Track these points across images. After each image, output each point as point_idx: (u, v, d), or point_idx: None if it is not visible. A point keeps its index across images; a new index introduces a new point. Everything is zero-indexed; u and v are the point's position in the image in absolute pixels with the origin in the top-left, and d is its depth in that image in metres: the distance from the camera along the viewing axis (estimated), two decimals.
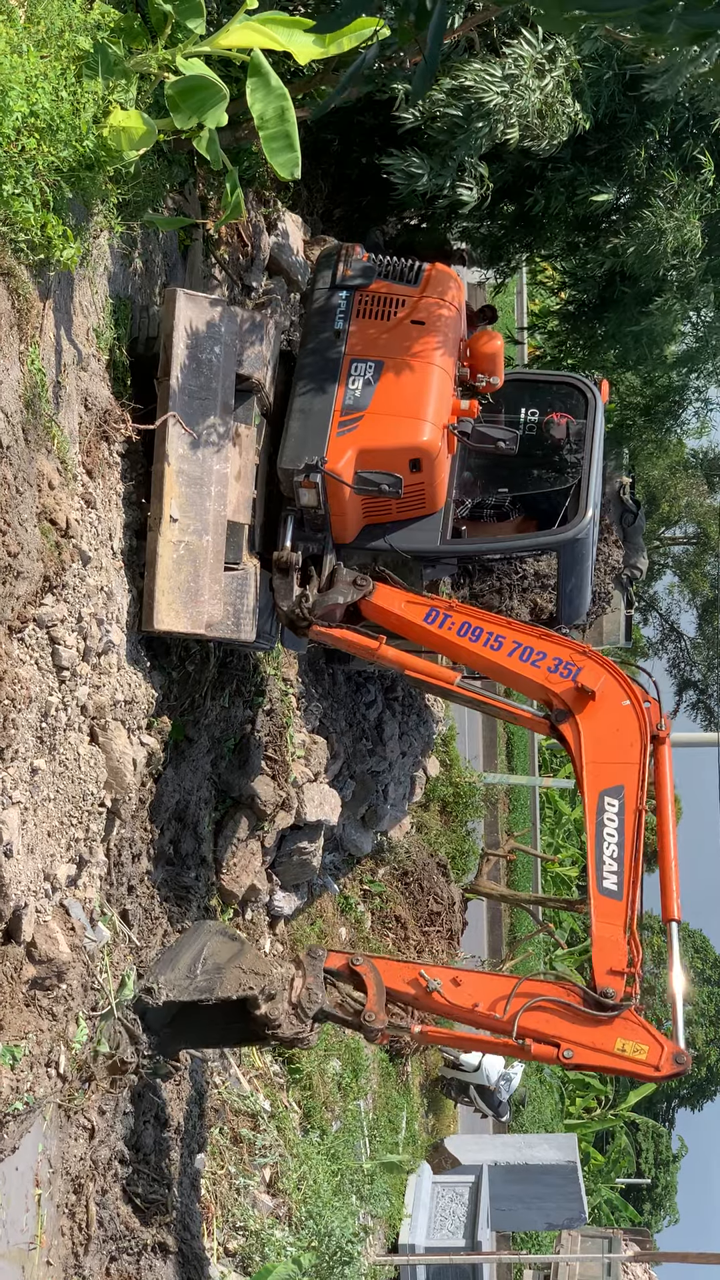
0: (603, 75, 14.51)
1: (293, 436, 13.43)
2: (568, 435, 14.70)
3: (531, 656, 13.19)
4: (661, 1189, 63.35)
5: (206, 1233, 14.31)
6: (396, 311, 13.74)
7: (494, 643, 13.37)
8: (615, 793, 12.45)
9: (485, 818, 33.03)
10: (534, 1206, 25.97)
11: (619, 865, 12.19)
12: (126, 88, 10.11)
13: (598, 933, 12.01)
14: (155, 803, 13.43)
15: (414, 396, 13.52)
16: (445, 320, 13.78)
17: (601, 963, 11.89)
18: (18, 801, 10.04)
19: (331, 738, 19.25)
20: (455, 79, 13.46)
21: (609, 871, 12.19)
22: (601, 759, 12.67)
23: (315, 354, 13.74)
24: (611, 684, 12.87)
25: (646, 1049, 11.67)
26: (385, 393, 13.52)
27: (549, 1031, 11.76)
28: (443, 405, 13.63)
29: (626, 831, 12.27)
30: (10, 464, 9.49)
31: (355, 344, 13.66)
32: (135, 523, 12.36)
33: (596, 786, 12.51)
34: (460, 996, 12.18)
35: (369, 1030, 12.24)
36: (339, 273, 13.86)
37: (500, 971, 25.36)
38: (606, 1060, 11.75)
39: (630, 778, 12.46)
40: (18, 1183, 10.71)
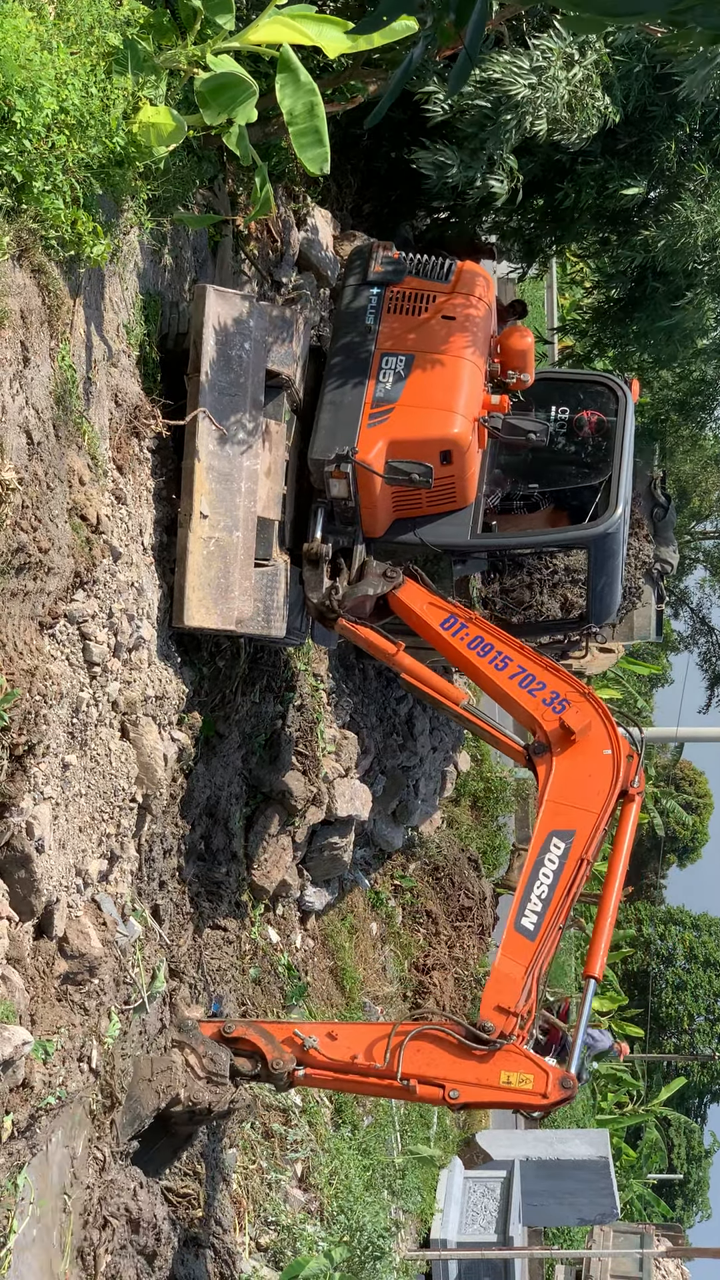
0: (632, 68, 14.46)
1: (323, 428, 13.48)
2: (598, 432, 14.72)
3: (531, 685, 13.10)
4: (694, 1184, 63.16)
5: (238, 1227, 14.33)
6: (427, 308, 13.77)
7: (500, 662, 13.32)
8: (565, 836, 12.15)
9: (516, 812, 32.95)
10: (566, 1202, 25.91)
11: (542, 907, 11.88)
12: (156, 84, 10.12)
13: (497, 966, 11.73)
14: (186, 798, 13.45)
15: (445, 390, 13.55)
16: (476, 316, 13.80)
17: (491, 997, 11.60)
18: (49, 797, 10.07)
19: (362, 733, 19.25)
20: (484, 72, 13.44)
21: (531, 910, 11.91)
22: (564, 800, 12.45)
23: (346, 349, 13.76)
24: (598, 730, 12.68)
25: (532, 1078, 11.28)
26: (416, 386, 13.56)
27: (432, 1073, 11.41)
28: (473, 399, 13.64)
29: (563, 877, 11.97)
30: (41, 460, 9.51)
31: (386, 339, 13.71)
32: (166, 518, 12.37)
33: (549, 825, 12.26)
34: (338, 1050, 11.71)
35: (281, 1075, 11.76)
36: (370, 269, 13.90)
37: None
38: (492, 1095, 11.41)
39: (585, 825, 12.20)
40: (52, 1177, 10.75)
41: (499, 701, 13.61)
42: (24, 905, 9.92)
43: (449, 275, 13.95)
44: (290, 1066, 11.67)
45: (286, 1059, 11.69)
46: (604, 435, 14.90)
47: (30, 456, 9.40)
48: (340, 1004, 18.68)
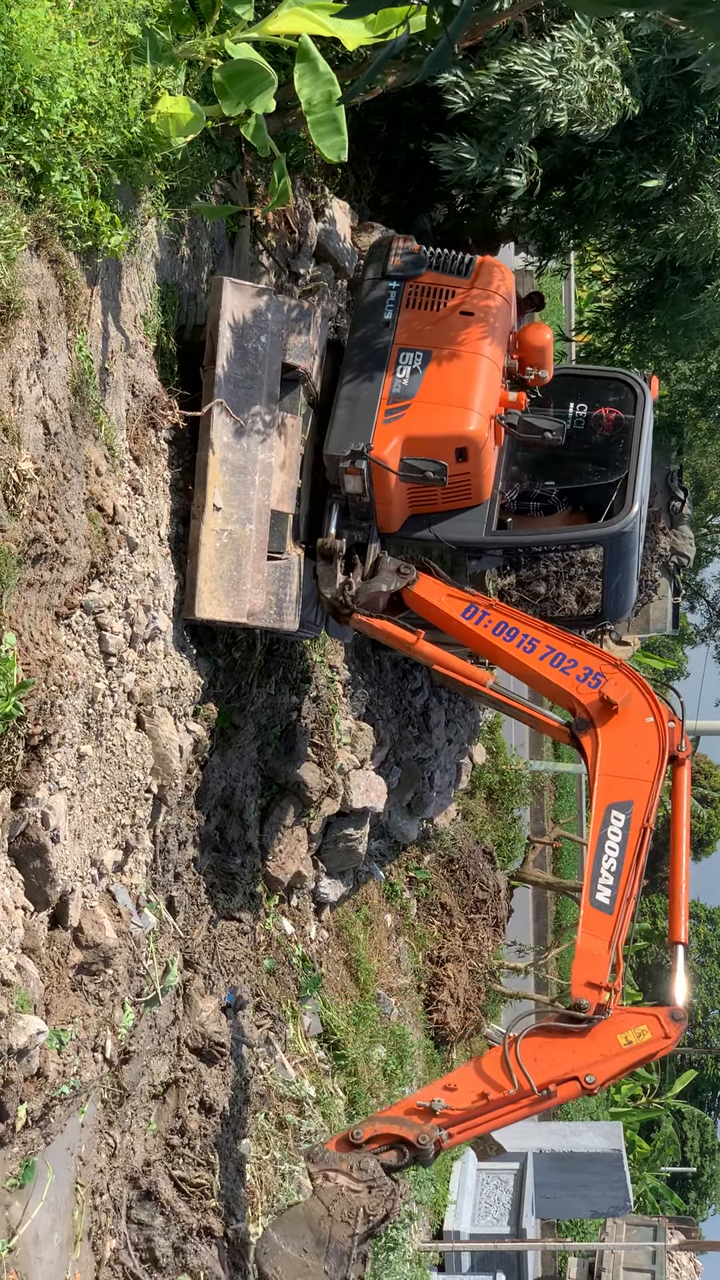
0: (652, 60, 14.41)
1: (339, 423, 13.43)
2: (615, 430, 14.67)
3: (563, 663, 13.12)
4: (707, 1177, 63.12)
5: (251, 1217, 14.35)
6: (445, 303, 13.77)
7: (527, 645, 13.32)
8: (624, 808, 12.26)
9: (531, 805, 32.95)
10: (579, 1194, 25.93)
11: (615, 880, 12.02)
12: (174, 74, 10.11)
13: (582, 945, 11.82)
14: (201, 789, 13.46)
15: (461, 386, 13.51)
16: (494, 312, 13.79)
17: (580, 975, 11.69)
18: (65, 787, 10.08)
19: (378, 725, 19.24)
20: (504, 64, 13.39)
21: (604, 885, 12.04)
22: (616, 773, 12.51)
23: (363, 343, 13.74)
24: (638, 699, 12.75)
25: (646, 1028, 11.52)
26: (432, 382, 13.52)
27: (561, 1071, 11.42)
28: (490, 396, 13.60)
29: (629, 847, 12.09)
30: (58, 450, 9.52)
31: (403, 334, 13.69)
32: (182, 509, 12.37)
33: (606, 799, 12.35)
34: (464, 1098, 11.46)
35: (428, 1148, 11.38)
36: (389, 263, 13.89)
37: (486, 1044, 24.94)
38: (622, 1061, 11.53)
39: (641, 794, 12.29)
40: (64, 1167, 10.78)
41: (532, 684, 13.66)
42: (39, 895, 9.94)
43: (468, 270, 13.93)
44: (434, 1135, 11.31)
45: (427, 1130, 11.32)
46: (622, 433, 14.83)
47: (47, 447, 9.40)
48: (355, 996, 18.69)
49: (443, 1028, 22.92)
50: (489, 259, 14.11)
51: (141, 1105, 12.38)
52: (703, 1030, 62.73)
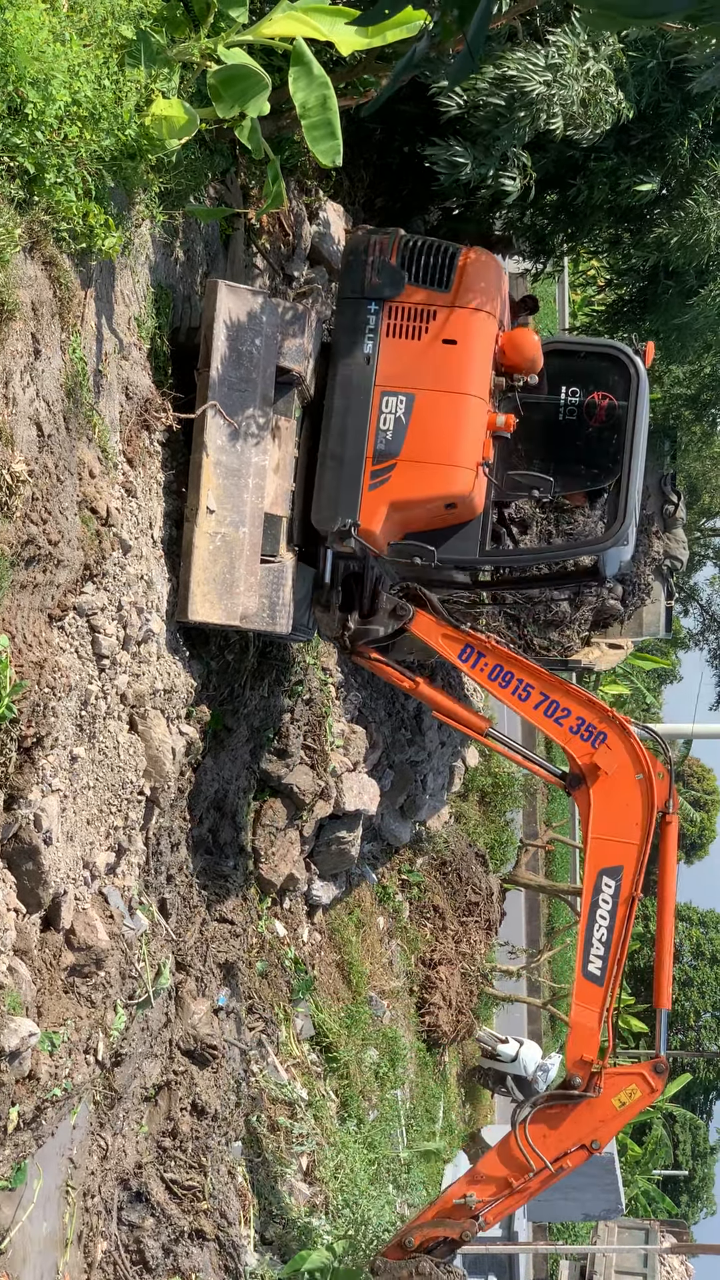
0: (646, 64, 14.42)
1: (324, 489, 13.47)
2: (609, 418, 14.54)
3: (556, 713, 13.65)
4: (699, 1181, 63.15)
5: (243, 1220, 14.35)
6: (427, 327, 13.42)
7: (522, 692, 13.81)
8: (614, 873, 13.05)
9: (524, 808, 32.97)
10: (571, 1197, 25.92)
11: (605, 951, 12.92)
12: (169, 76, 10.11)
13: (575, 1018, 12.97)
14: (194, 792, 13.46)
15: (447, 438, 13.43)
16: (478, 330, 13.49)
17: (575, 1052, 12.89)
18: (57, 789, 10.08)
19: (370, 727, 19.25)
20: (498, 68, 13.40)
21: (595, 955, 12.95)
22: (606, 835, 13.23)
23: (345, 384, 13.49)
24: (629, 759, 13.28)
25: (635, 1087, 12.82)
26: (417, 434, 13.42)
27: (569, 1143, 12.75)
28: (476, 441, 13.53)
29: (618, 917, 12.96)
30: (51, 452, 9.51)
31: (385, 371, 13.42)
32: (176, 512, 12.37)
33: (597, 864, 13.14)
34: (491, 1187, 12.96)
35: (469, 1239, 13.07)
36: (367, 280, 13.51)
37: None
38: (620, 1121, 13.01)
39: (630, 860, 13.05)
40: (56, 1169, 10.77)
41: (531, 722, 14.31)
42: (31, 897, 9.94)
43: (448, 280, 13.47)
44: (474, 1228, 12.89)
45: (468, 1226, 12.86)
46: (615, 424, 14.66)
47: (40, 449, 9.40)
48: (347, 998, 18.70)
49: (435, 1030, 22.94)
50: (472, 253, 13.67)
51: (133, 1107, 12.38)
52: (695, 1034, 62.74)
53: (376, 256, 13.52)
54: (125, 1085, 11.99)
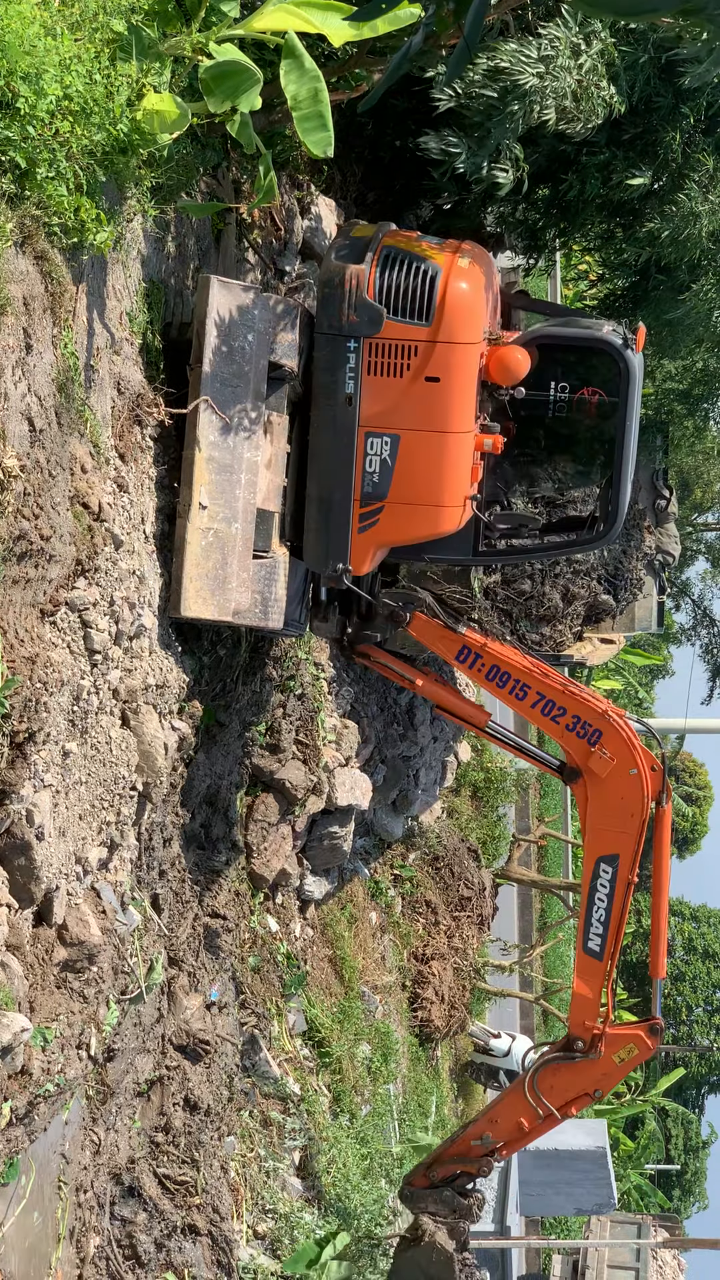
0: (638, 58, 14.41)
1: (314, 533, 13.54)
2: (599, 413, 14.45)
3: (552, 712, 14.04)
4: (691, 1175, 63.27)
5: (236, 1215, 14.36)
6: (409, 364, 13.04)
7: (519, 691, 14.18)
8: (611, 860, 13.78)
9: (516, 803, 33.00)
10: (563, 1192, 25.99)
11: (604, 929, 13.82)
12: (160, 71, 10.10)
13: (577, 989, 14.11)
14: (186, 787, 13.45)
15: (435, 479, 13.36)
16: (461, 364, 13.11)
17: (576, 1017, 14.11)
18: (49, 784, 10.07)
19: (363, 722, 19.24)
20: (490, 60, 13.38)
21: (595, 934, 13.88)
22: (603, 826, 13.89)
23: (329, 426, 13.33)
24: (625, 754, 13.73)
25: (633, 1045, 14.07)
26: (404, 475, 13.30)
27: (574, 1092, 14.25)
28: (464, 475, 13.45)
29: (615, 899, 13.77)
30: (43, 447, 9.50)
31: (368, 411, 13.21)
32: (168, 507, 12.36)
33: (595, 851, 13.89)
34: (505, 1129, 14.69)
35: (487, 1173, 15.22)
36: (344, 317, 13.01)
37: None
38: (619, 1074, 14.44)
39: (626, 848, 13.71)
40: (48, 1165, 10.77)
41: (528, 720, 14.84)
42: (23, 892, 9.93)
43: (429, 309, 12.93)
44: (490, 1163, 15.01)
45: (485, 1163, 14.93)
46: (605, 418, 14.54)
47: (32, 444, 9.39)
48: (339, 993, 18.70)
49: (427, 1025, 22.96)
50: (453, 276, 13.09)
51: (126, 1103, 12.38)
52: (687, 1028, 62.83)
53: (352, 290, 12.99)
54: (118, 1080, 11.99)
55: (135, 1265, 12.18)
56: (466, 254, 13.32)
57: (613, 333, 13.88)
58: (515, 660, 14.19)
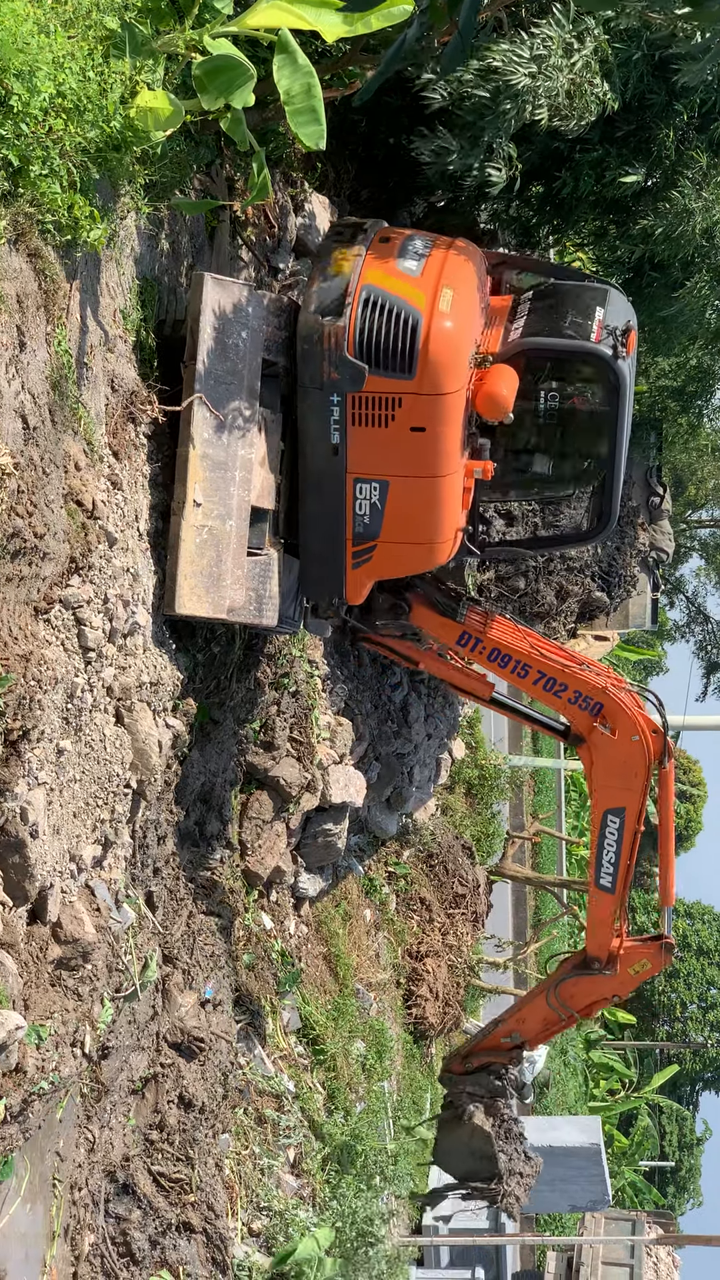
0: (631, 56, 14.42)
1: (311, 567, 13.73)
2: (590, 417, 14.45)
3: (554, 688, 14.59)
4: (685, 1172, 63.30)
5: (231, 1212, 14.36)
6: (394, 415, 12.93)
7: (520, 670, 14.66)
8: (618, 813, 14.52)
9: (510, 800, 32.98)
10: (557, 1189, 25.95)
11: (614, 868, 14.64)
12: (153, 68, 10.09)
13: (592, 918, 15.24)
14: (180, 784, 13.45)
15: (425, 520, 13.42)
16: (446, 413, 12.99)
17: (593, 941, 15.26)
18: (44, 782, 10.07)
19: (357, 720, 19.25)
20: (483, 60, 13.37)
21: (606, 872, 14.70)
22: (609, 784, 14.56)
23: (317, 472, 13.33)
24: (626, 722, 14.29)
25: (646, 960, 15.28)
26: (394, 518, 13.36)
27: (594, 998, 15.70)
28: (455, 510, 13.52)
29: (624, 843, 14.55)
30: (37, 445, 9.50)
31: (355, 459, 13.17)
32: (161, 504, 12.35)
33: (603, 805, 14.61)
34: (533, 1026, 16.13)
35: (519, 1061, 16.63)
36: (325, 374, 12.88)
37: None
38: (634, 983, 15.69)
39: (632, 802, 14.43)
40: (43, 1163, 10.77)
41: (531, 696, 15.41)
42: (18, 890, 9.93)
43: (412, 362, 12.73)
44: (520, 1055, 16.55)
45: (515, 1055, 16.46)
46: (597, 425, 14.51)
47: (26, 441, 9.39)
48: (334, 991, 18.71)
49: (421, 1022, 22.96)
50: (435, 321, 12.74)
51: (120, 1100, 12.37)
52: (681, 1025, 62.88)
53: (331, 349, 12.85)
54: (112, 1078, 11.99)
55: (130, 1263, 12.18)
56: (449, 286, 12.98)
57: (604, 338, 13.68)
58: (515, 645, 14.61)
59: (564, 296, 14.19)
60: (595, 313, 13.90)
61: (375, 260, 13.15)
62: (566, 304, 14.07)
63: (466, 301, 13.17)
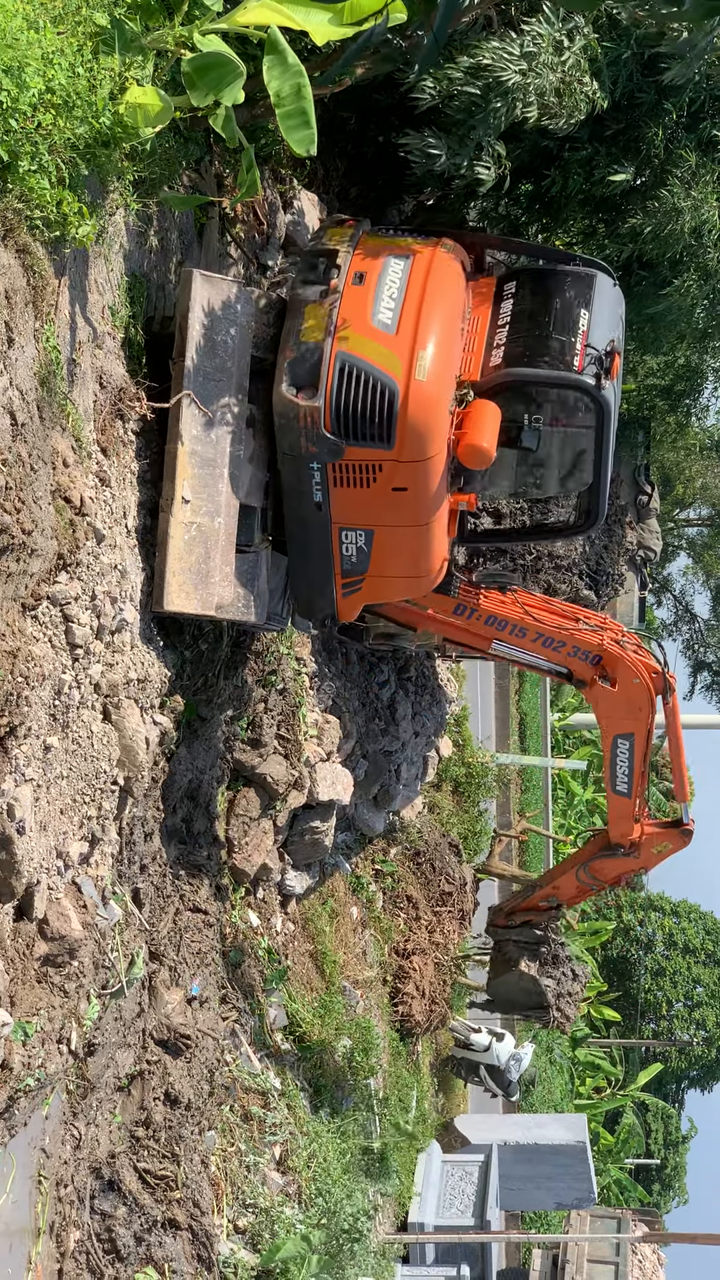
0: (621, 54, 14.42)
1: (301, 592, 14.04)
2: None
3: (553, 644, 15.54)
4: (671, 1170, 63.40)
5: (216, 1209, 14.35)
6: (375, 478, 12.97)
7: (518, 632, 15.59)
8: (627, 737, 15.80)
9: (497, 798, 33.00)
10: (543, 1186, 25.99)
11: (629, 776, 15.99)
12: (143, 64, 10.09)
13: (612, 814, 16.73)
14: (168, 781, 13.44)
15: (411, 558, 13.69)
16: (427, 475, 13.00)
17: (615, 831, 16.79)
18: (31, 779, 10.06)
19: (344, 717, 19.24)
20: (473, 57, 13.37)
21: (621, 780, 16.08)
22: (615, 716, 15.78)
23: (301, 522, 13.39)
24: (624, 669, 15.33)
25: (668, 842, 16.85)
26: (381, 558, 13.55)
27: (622, 872, 17.45)
28: (441, 546, 13.85)
29: (636, 756, 15.89)
30: (25, 441, 9.49)
31: (339, 512, 13.25)
32: (150, 501, 12.34)
33: (611, 732, 15.92)
34: (568, 895, 18.30)
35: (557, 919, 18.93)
36: (304, 447, 12.84)
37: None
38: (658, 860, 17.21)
39: (639, 729, 15.71)
40: (28, 1159, 10.76)
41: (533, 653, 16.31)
42: (4, 887, 9.92)
43: (390, 432, 12.67)
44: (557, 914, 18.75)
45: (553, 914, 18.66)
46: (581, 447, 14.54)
47: (14, 438, 9.38)
48: (320, 988, 18.70)
49: (408, 1020, 22.96)
50: (413, 389, 12.59)
51: (106, 1097, 12.37)
52: (667, 1023, 62.98)
53: (307, 427, 12.79)
54: (98, 1075, 11.99)
55: (115, 1259, 12.17)
56: (428, 336, 12.79)
57: (587, 365, 13.54)
58: (507, 612, 15.44)
59: (547, 298, 13.96)
60: (579, 321, 13.71)
61: (350, 312, 12.87)
62: (549, 313, 13.85)
63: (446, 341, 13.01)
